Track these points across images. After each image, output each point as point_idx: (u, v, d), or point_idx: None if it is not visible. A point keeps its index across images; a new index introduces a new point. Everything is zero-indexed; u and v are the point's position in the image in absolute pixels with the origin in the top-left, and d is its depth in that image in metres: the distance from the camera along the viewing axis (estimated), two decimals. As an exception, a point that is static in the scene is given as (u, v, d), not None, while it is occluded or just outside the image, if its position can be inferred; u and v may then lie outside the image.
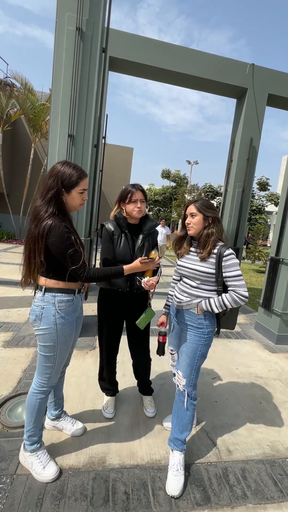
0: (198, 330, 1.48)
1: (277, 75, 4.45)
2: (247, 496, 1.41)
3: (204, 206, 1.47)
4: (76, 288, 1.38)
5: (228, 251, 1.42)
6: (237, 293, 1.39)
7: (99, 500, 1.30)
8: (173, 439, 1.53)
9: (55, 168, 1.28)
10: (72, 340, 1.46)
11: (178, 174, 28.10)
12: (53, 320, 1.30)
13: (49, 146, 2.69)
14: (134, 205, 1.60)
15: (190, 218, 1.49)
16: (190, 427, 1.53)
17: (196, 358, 1.48)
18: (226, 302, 1.40)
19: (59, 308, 1.31)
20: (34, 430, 1.40)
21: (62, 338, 1.35)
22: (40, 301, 1.31)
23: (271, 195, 22.34)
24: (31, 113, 9.25)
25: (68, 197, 1.30)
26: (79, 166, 1.34)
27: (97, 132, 2.96)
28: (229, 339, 3.41)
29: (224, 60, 4.34)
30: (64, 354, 1.41)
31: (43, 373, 1.38)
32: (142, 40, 4.15)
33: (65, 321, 1.34)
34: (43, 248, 1.22)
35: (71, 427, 1.66)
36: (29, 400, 1.40)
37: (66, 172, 1.27)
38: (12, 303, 3.83)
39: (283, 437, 1.85)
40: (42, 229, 1.20)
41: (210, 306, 1.43)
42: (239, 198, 4.52)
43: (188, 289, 1.51)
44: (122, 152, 14.92)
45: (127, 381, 2.22)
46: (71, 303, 1.35)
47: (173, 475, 1.42)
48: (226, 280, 1.43)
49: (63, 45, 2.57)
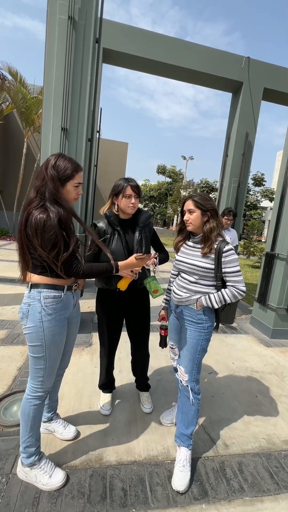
0: (198, 325, 1.48)
1: (273, 69, 4.42)
2: (244, 489, 1.42)
3: (201, 200, 1.45)
4: (66, 284, 1.30)
5: (228, 246, 1.42)
6: (237, 288, 1.40)
7: (96, 497, 1.29)
8: (179, 435, 1.53)
9: (49, 161, 1.23)
10: (63, 341, 1.36)
11: (174, 170, 27.99)
12: (39, 317, 1.22)
13: (42, 139, 2.63)
14: (127, 200, 1.55)
15: (188, 215, 1.47)
16: (195, 421, 1.54)
17: (197, 353, 1.49)
18: (226, 297, 1.40)
19: (45, 304, 1.23)
20: (30, 441, 1.31)
21: (50, 338, 1.26)
22: (27, 298, 1.25)
23: (266, 190, 22.45)
24: (23, 106, 9.05)
25: (63, 190, 1.24)
26: (74, 159, 1.30)
27: (91, 126, 2.90)
28: (225, 334, 3.43)
29: (220, 53, 4.29)
30: (55, 356, 1.31)
31: (35, 377, 1.30)
32: (137, 31, 4.06)
33: (52, 318, 1.25)
34: (36, 242, 1.15)
35: (63, 430, 1.60)
36: (23, 407, 1.31)
37: (61, 165, 1.22)
38: (6, 300, 3.78)
39: (279, 430, 1.87)
40: (34, 222, 1.13)
41: (210, 302, 1.42)
42: (234, 193, 4.51)
43: (187, 285, 1.49)
44: (117, 147, 14.76)
45: (124, 377, 2.22)
46: (58, 299, 1.26)
47: (179, 471, 1.42)
48: (225, 275, 1.43)
49: (54, 35, 2.49)
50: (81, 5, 2.50)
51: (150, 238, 1.72)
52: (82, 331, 3.00)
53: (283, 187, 3.47)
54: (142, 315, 1.79)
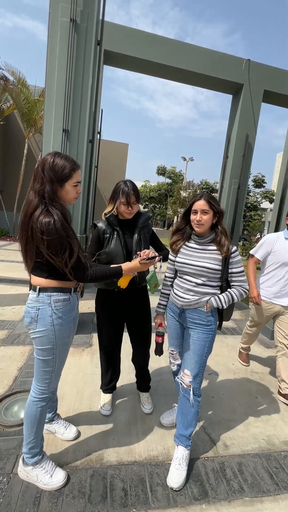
0: (206, 327, 1.48)
1: (273, 71, 4.44)
2: (243, 489, 1.42)
3: (215, 202, 1.43)
4: (72, 286, 1.30)
5: (234, 247, 1.46)
6: (243, 288, 1.45)
7: (97, 497, 1.30)
8: (178, 435, 1.54)
9: (46, 160, 1.17)
10: (71, 342, 1.38)
11: (174, 171, 28.01)
12: (50, 321, 1.22)
13: (43, 141, 2.64)
14: (125, 207, 1.58)
15: (201, 215, 1.41)
16: (194, 423, 1.54)
17: (204, 355, 1.49)
18: (235, 297, 1.44)
19: (56, 308, 1.24)
20: (35, 442, 1.32)
21: (61, 340, 1.27)
22: (34, 302, 1.23)
23: (266, 192, 22.49)
24: (25, 107, 9.07)
25: (62, 190, 1.21)
26: (71, 157, 1.25)
27: (92, 127, 2.92)
28: (225, 335, 3.44)
29: (220, 55, 4.31)
30: (63, 357, 1.34)
31: (42, 379, 1.29)
32: (138, 33, 4.08)
33: (63, 321, 1.26)
34: (43, 246, 1.12)
35: (64, 431, 1.60)
36: (29, 409, 1.31)
37: (58, 164, 1.17)
38: (7, 300, 3.78)
39: (278, 431, 1.88)
40: (40, 227, 1.10)
41: (221, 303, 1.43)
42: (234, 194, 4.52)
43: (194, 287, 1.46)
44: (117, 148, 14.78)
45: (124, 378, 2.22)
46: (67, 302, 1.28)
47: (175, 468, 1.43)
48: (232, 275, 1.46)
49: (56, 37, 2.51)
50: (83, 8, 2.52)
51: (149, 239, 1.73)
52: (82, 331, 3.00)
53: (283, 189, 3.49)
54: (143, 314, 1.80)
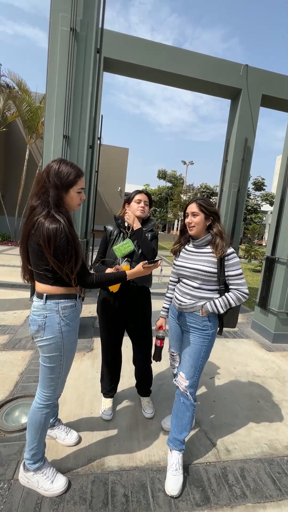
0: (202, 332, 1.47)
1: (271, 76, 4.49)
2: (246, 495, 1.41)
3: (205, 204, 1.45)
4: (77, 292, 1.30)
5: (230, 249, 1.43)
6: (241, 292, 1.41)
7: (98, 503, 1.29)
8: (172, 439, 1.53)
9: (51, 167, 1.18)
10: (76, 347, 1.38)
11: (174, 175, 28.16)
12: (58, 328, 1.22)
13: (44, 147, 2.67)
14: (137, 204, 1.69)
15: (192, 218, 1.46)
16: (189, 427, 1.53)
17: (199, 359, 1.48)
18: (231, 301, 1.40)
19: (63, 315, 1.23)
20: (38, 448, 1.31)
21: (69, 346, 1.27)
22: (41, 310, 1.22)
23: (266, 194, 22.54)
24: (27, 114, 9.18)
25: (67, 197, 1.21)
26: (75, 164, 1.27)
27: (92, 133, 2.95)
28: (226, 338, 3.42)
29: (218, 61, 4.36)
30: (69, 363, 1.33)
31: (48, 385, 1.29)
32: (137, 40, 4.15)
33: (70, 328, 1.26)
34: (48, 253, 1.11)
35: (65, 436, 1.60)
36: (34, 416, 1.30)
37: (64, 171, 1.18)
38: (8, 305, 3.79)
39: (281, 435, 1.86)
40: (47, 233, 1.09)
41: (216, 307, 1.41)
42: (234, 197, 4.54)
43: (190, 291, 1.47)
44: (118, 153, 14.89)
45: (125, 382, 2.21)
46: (74, 308, 1.28)
47: (172, 475, 1.42)
48: (228, 279, 1.43)
49: (57, 46, 2.56)
50: (83, 17, 2.57)
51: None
52: (83, 336, 3.00)
53: (282, 191, 3.50)
54: (143, 316, 1.80)
